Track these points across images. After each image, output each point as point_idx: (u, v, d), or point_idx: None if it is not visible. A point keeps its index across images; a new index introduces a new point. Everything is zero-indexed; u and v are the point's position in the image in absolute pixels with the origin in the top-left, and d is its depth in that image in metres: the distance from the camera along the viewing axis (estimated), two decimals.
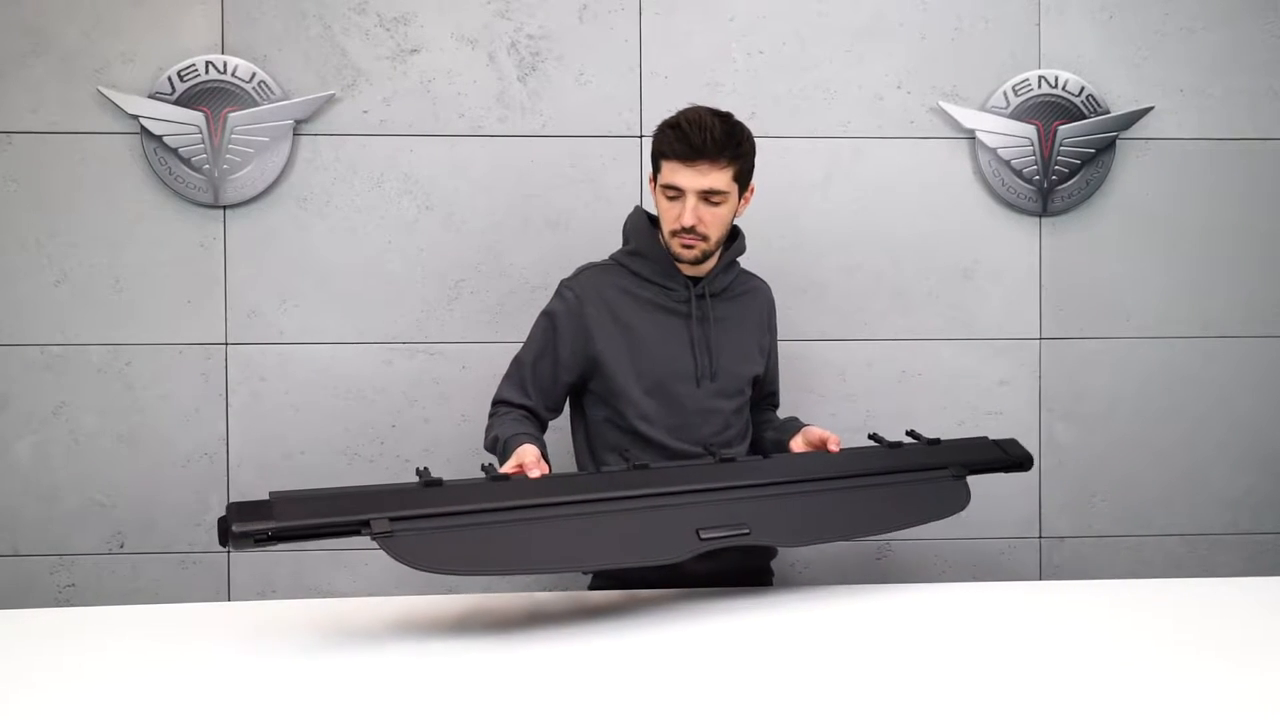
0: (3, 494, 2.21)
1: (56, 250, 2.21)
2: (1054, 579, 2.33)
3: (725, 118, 1.67)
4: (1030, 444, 2.34)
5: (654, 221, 1.80)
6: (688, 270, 1.77)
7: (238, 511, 1.23)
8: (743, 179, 1.70)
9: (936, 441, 1.71)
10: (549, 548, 1.34)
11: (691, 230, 1.67)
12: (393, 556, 1.27)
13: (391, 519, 1.28)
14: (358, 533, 1.27)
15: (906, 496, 1.62)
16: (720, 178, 1.65)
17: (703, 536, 1.39)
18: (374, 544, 1.27)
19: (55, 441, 2.21)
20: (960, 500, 1.65)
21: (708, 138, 1.63)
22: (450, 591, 2.23)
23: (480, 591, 2.13)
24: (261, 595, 2.24)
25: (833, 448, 1.66)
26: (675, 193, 1.67)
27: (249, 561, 2.25)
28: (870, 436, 1.72)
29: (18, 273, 2.20)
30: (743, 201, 1.74)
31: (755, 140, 1.71)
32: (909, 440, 1.72)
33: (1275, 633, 1.32)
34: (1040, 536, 2.37)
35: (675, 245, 1.71)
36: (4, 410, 2.20)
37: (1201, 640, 1.28)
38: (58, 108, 2.19)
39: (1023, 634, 1.33)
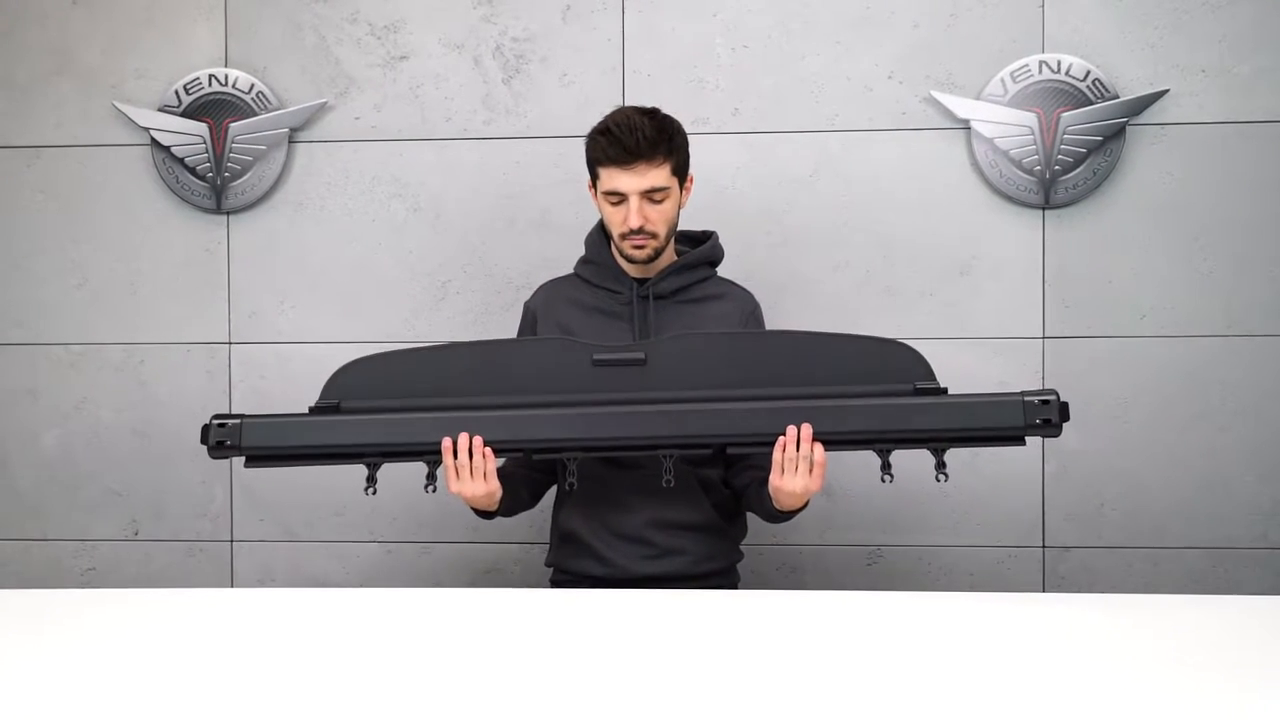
0: (34, 481, 2.38)
1: (79, 255, 2.36)
2: (1058, 591, 2.21)
3: (653, 114, 1.69)
4: (1032, 449, 2.23)
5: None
6: (635, 272, 1.78)
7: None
8: (681, 171, 1.72)
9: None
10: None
11: (640, 230, 1.69)
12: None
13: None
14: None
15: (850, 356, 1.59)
16: (659, 175, 1.67)
17: (596, 358, 1.50)
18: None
19: (77, 434, 2.37)
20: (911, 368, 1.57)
21: (640, 138, 1.65)
22: (437, 585, 2.29)
23: (465, 588, 2.21)
24: (261, 583, 2.35)
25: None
26: (618, 197, 1.69)
27: (251, 551, 2.36)
28: None
29: (46, 276, 2.36)
30: (684, 192, 1.75)
31: (687, 132, 1.74)
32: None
33: None
34: (1044, 546, 2.25)
35: (627, 248, 1.73)
36: (34, 404, 2.37)
37: (1221, 662, 1.16)
38: (78, 122, 2.34)
39: (1022, 649, 1.23)
